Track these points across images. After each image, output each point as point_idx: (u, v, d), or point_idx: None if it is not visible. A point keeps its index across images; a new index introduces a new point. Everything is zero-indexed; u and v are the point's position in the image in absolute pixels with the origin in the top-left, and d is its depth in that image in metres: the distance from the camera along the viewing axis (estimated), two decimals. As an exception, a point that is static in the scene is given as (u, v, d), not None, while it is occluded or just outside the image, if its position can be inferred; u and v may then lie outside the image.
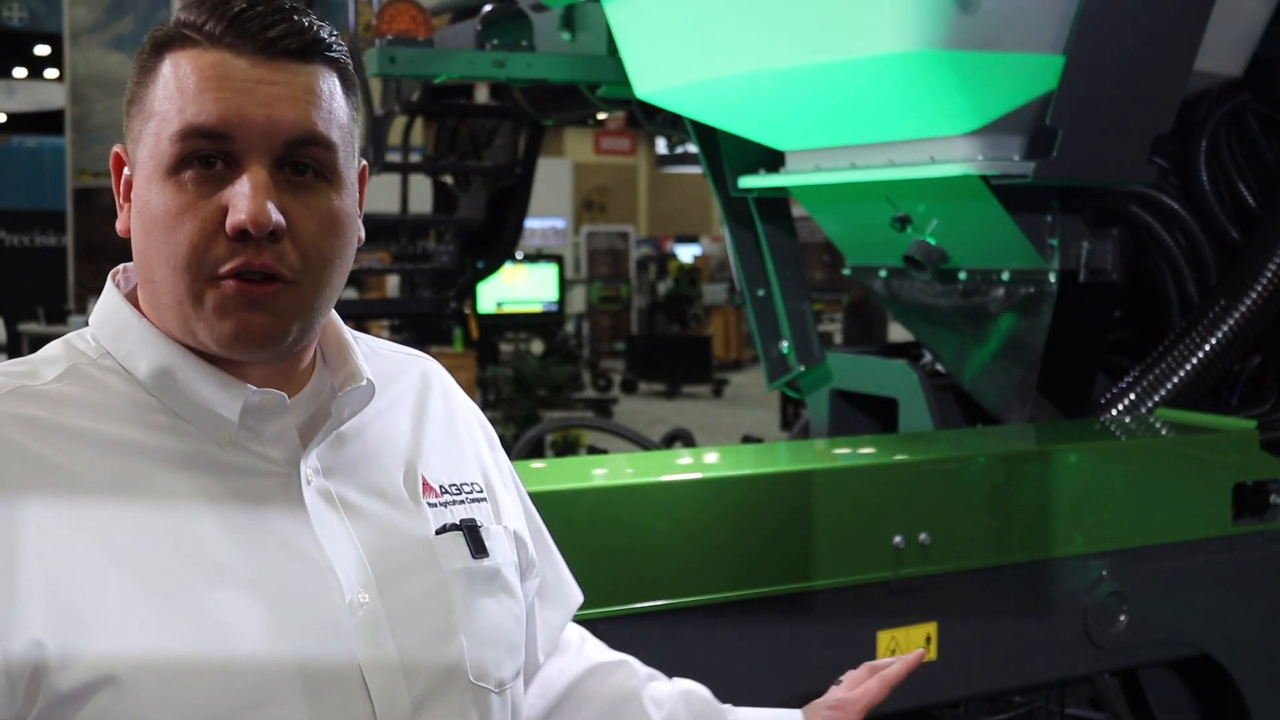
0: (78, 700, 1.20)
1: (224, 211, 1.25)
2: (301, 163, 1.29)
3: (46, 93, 23.92)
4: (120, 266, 1.41)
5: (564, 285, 16.60)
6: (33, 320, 16.11)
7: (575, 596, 1.73)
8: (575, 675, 1.69)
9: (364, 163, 1.41)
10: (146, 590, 1.22)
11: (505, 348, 15.80)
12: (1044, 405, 3.49)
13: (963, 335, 3.53)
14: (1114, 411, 3.45)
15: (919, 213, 3.40)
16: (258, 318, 1.27)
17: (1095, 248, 3.26)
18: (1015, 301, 3.35)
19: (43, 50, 24.57)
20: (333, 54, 1.32)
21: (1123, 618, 2.91)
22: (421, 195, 8.49)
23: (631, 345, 19.25)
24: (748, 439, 9.89)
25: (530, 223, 8.23)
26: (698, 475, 2.61)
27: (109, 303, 1.38)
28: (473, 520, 1.45)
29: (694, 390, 17.88)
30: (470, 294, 9.64)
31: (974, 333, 3.49)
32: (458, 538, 1.42)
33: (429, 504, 1.43)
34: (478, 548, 1.43)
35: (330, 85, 1.32)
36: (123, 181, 1.35)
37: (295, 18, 1.30)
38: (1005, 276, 3.34)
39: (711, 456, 2.90)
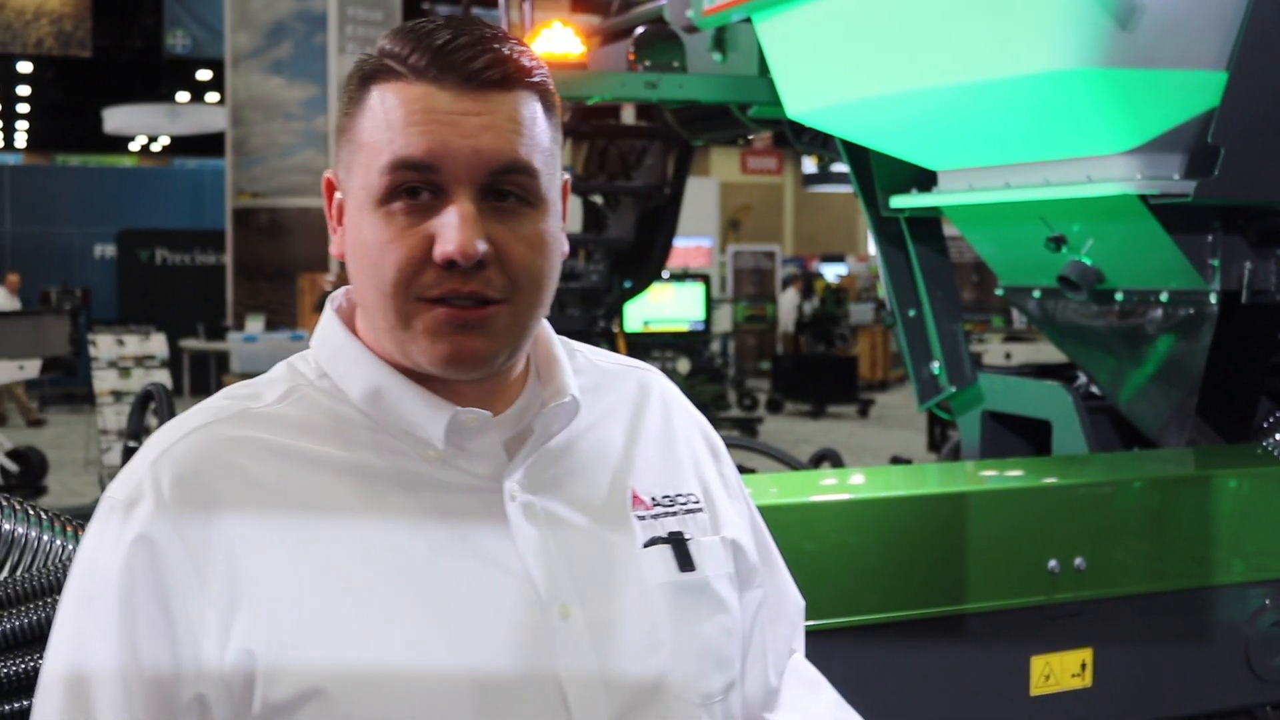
0: (288, 711, 1.24)
1: (431, 240, 1.28)
2: (505, 190, 1.31)
3: (208, 116, 24.66)
4: (341, 290, 1.45)
5: (710, 304, 16.63)
6: (193, 336, 16.59)
7: (797, 607, 1.69)
8: None
9: (566, 176, 1.43)
10: (351, 604, 1.26)
11: (651, 366, 15.81)
12: (1203, 429, 3.41)
13: (1119, 357, 3.47)
14: (1277, 436, 3.36)
15: (1074, 232, 3.35)
16: (471, 340, 1.30)
17: (1258, 268, 3.18)
18: (1174, 323, 3.28)
19: (204, 75, 25.38)
20: (534, 79, 1.34)
21: (1287, 648, 2.84)
22: (571, 215, 8.58)
23: (777, 365, 19.21)
24: (896, 460, 9.80)
25: (676, 242, 8.26)
26: (849, 496, 2.60)
27: (326, 326, 1.43)
28: (680, 533, 1.44)
29: (839, 410, 17.78)
30: (618, 313, 9.69)
31: (1131, 354, 3.42)
32: (665, 551, 1.42)
33: (638, 517, 1.43)
34: (684, 561, 1.43)
35: (532, 110, 1.34)
36: (334, 205, 1.39)
37: (496, 47, 1.31)
38: (1164, 297, 3.28)
39: (861, 478, 2.89)
